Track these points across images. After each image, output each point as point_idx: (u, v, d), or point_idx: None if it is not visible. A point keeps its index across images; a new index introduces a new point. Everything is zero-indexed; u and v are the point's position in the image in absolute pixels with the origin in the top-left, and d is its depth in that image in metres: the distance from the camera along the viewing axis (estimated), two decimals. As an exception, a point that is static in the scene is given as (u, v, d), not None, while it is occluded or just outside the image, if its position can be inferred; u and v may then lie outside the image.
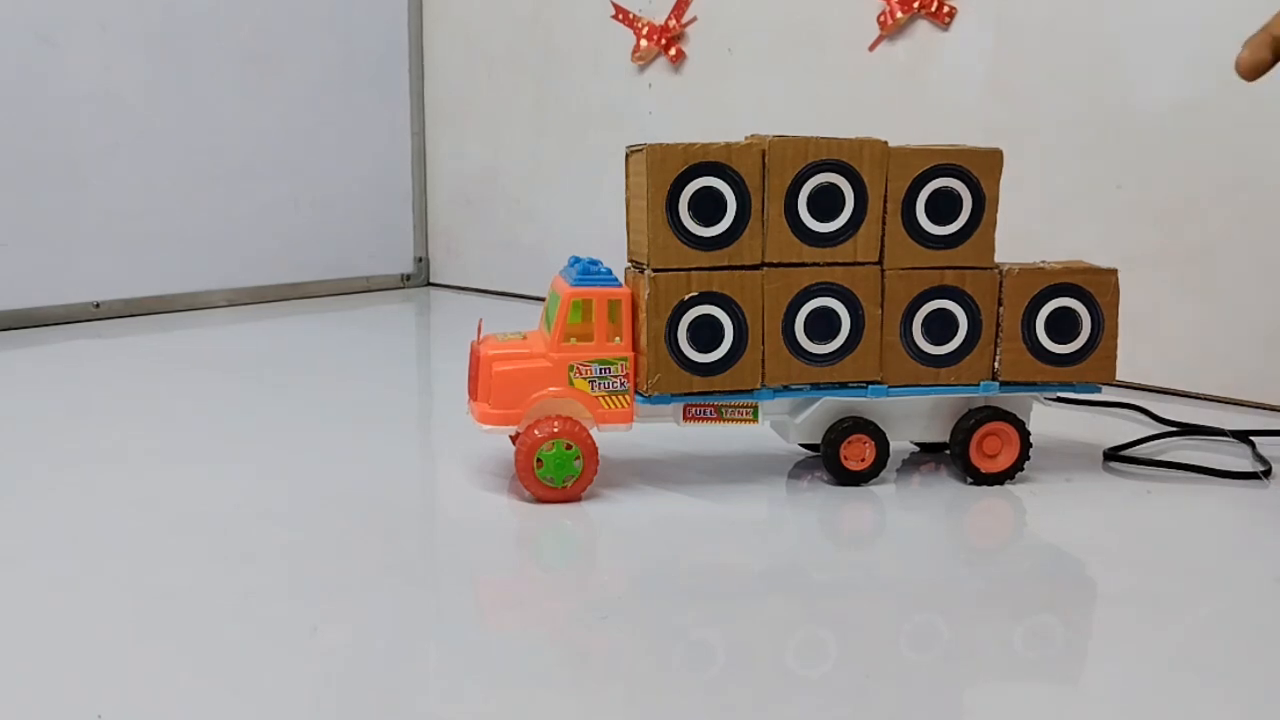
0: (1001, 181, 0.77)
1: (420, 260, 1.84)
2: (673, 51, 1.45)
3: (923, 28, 1.22)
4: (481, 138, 1.75)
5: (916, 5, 1.21)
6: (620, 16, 1.49)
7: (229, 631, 0.55)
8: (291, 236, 1.66)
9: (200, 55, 1.52)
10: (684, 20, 1.44)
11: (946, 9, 1.20)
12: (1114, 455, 0.86)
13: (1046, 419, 0.93)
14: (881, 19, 1.25)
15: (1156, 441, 0.91)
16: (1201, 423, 0.94)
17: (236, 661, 0.52)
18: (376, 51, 1.74)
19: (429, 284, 1.85)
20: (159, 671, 0.51)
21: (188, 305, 1.53)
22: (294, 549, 0.66)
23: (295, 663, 0.52)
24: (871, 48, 1.26)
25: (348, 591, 0.60)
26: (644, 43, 1.47)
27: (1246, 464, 0.84)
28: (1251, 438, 0.90)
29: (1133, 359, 1.10)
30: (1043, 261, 0.78)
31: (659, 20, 1.46)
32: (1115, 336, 0.78)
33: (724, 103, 1.42)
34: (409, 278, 1.83)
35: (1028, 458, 0.78)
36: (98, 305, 1.44)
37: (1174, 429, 0.93)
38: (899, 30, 1.24)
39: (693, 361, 0.73)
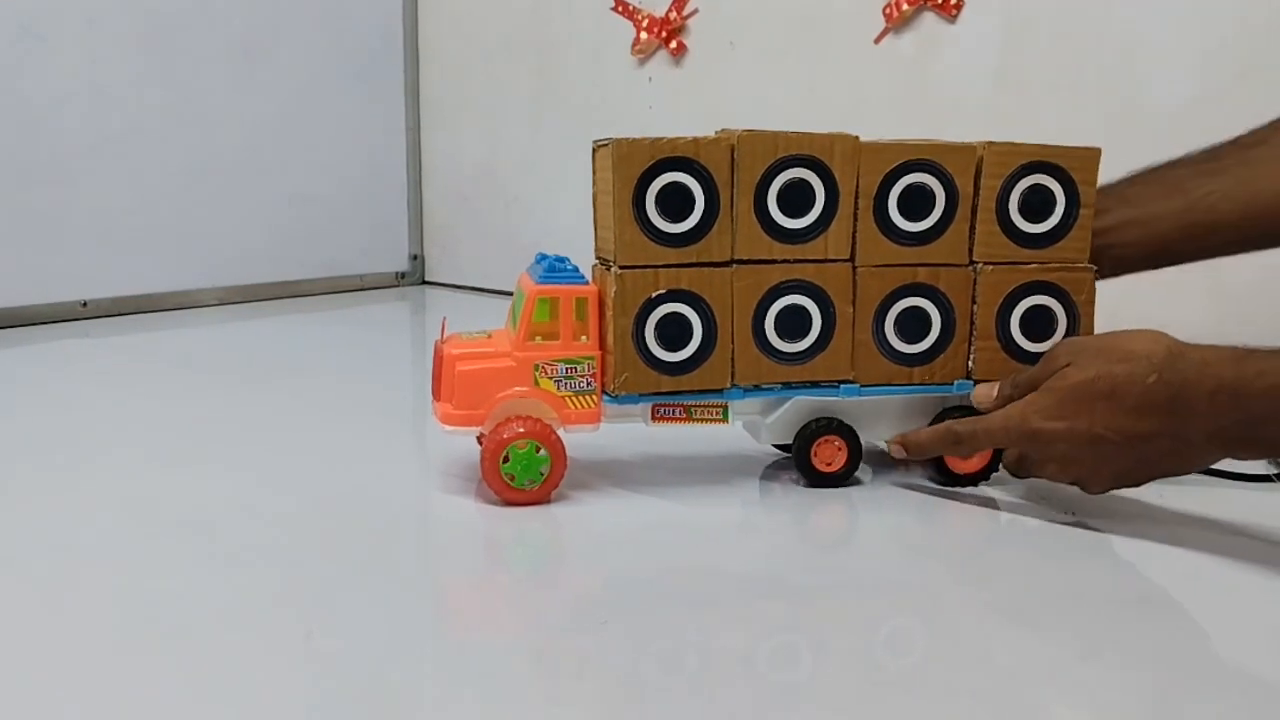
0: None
1: (415, 258, 1.87)
2: (673, 44, 1.48)
3: (929, 20, 1.26)
4: (478, 133, 1.78)
5: (923, -4, 1.25)
6: (620, 9, 1.53)
7: (221, 637, 0.57)
8: (283, 234, 1.69)
9: (190, 48, 1.55)
10: (685, 12, 1.47)
11: (954, 1, 1.23)
12: None
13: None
14: (887, 11, 1.28)
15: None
16: None
17: (228, 667, 0.54)
18: (370, 44, 1.77)
19: (424, 282, 1.89)
20: (149, 677, 0.53)
21: (177, 304, 1.56)
22: (280, 552, 0.69)
23: (289, 669, 0.54)
24: (877, 40, 1.29)
25: (330, 598, 0.62)
26: (644, 35, 1.51)
27: (1259, 466, 0.86)
28: None
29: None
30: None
31: (659, 12, 1.50)
32: (1091, 335, 0.80)
33: (726, 97, 1.45)
34: (403, 276, 1.86)
35: (1000, 460, 0.80)
36: (85, 304, 1.46)
37: None
38: (905, 23, 1.27)
39: (661, 360, 0.76)
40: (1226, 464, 0.84)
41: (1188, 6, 1.09)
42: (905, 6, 1.26)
